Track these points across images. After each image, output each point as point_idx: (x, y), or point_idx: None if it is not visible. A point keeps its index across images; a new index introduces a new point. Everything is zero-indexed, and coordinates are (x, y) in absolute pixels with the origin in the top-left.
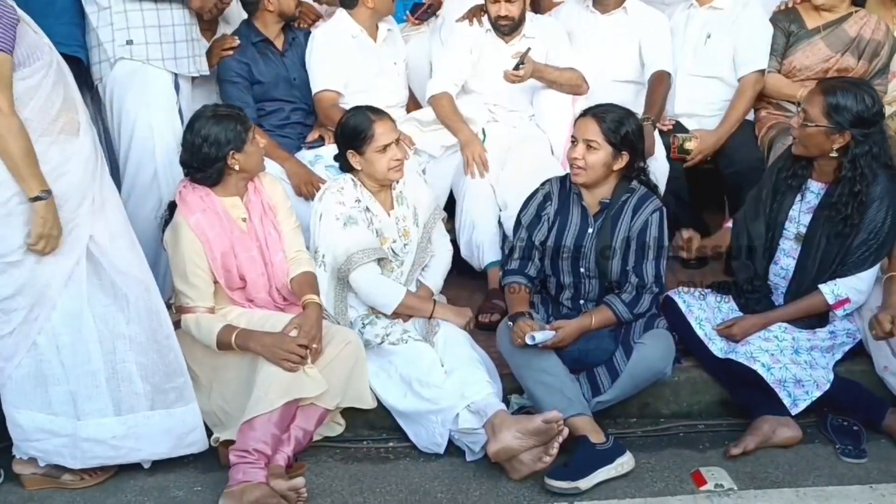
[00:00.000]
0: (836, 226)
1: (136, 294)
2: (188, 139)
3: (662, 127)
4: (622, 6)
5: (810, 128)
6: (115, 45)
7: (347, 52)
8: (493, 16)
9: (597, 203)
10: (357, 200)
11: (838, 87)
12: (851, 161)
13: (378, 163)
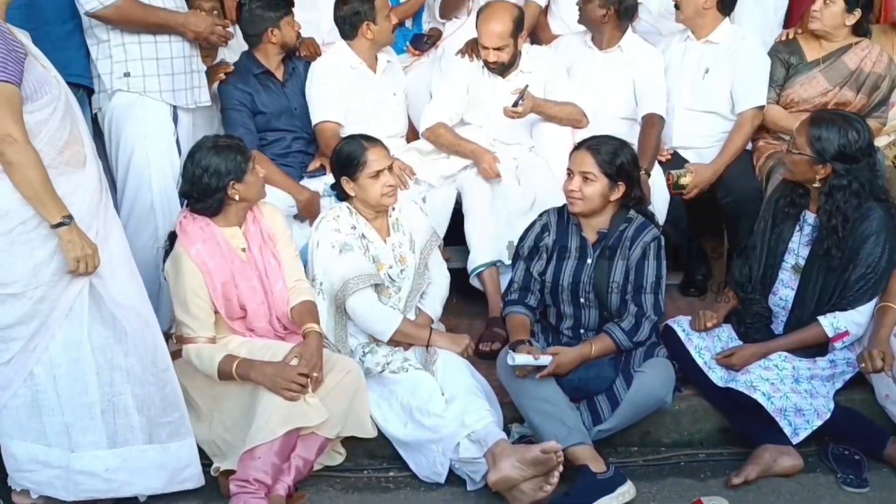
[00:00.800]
0: (832, 261)
1: (134, 326)
2: (188, 170)
3: (660, 157)
4: (618, 44)
5: (794, 155)
6: (112, 77)
7: (346, 83)
8: (483, 58)
9: (595, 233)
10: (353, 227)
11: (825, 120)
12: (828, 193)
13: (371, 188)
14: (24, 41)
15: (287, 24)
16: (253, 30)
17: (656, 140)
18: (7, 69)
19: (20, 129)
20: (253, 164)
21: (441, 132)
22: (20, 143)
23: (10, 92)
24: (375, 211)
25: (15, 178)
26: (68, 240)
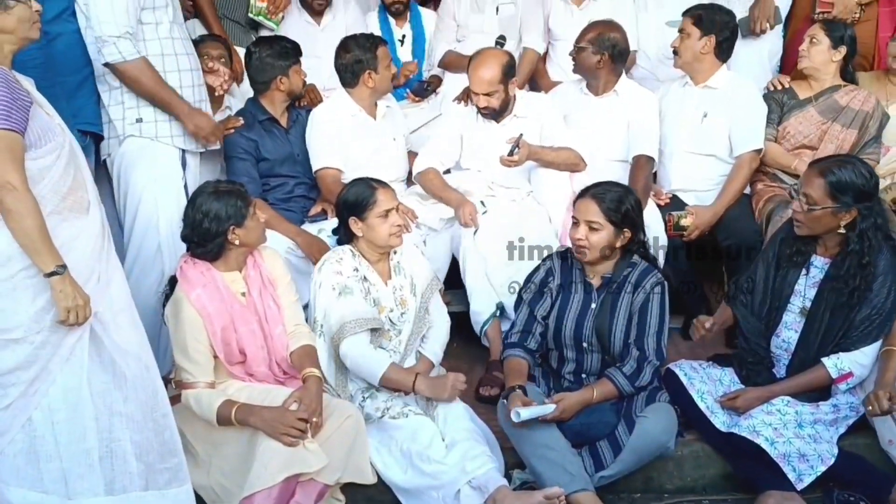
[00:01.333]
0: (842, 298)
1: (134, 372)
2: (189, 214)
3: (659, 201)
4: (613, 89)
5: (815, 212)
6: (125, 122)
7: (346, 129)
8: (474, 103)
9: (599, 277)
10: (355, 270)
11: (835, 166)
12: (860, 235)
13: (380, 228)
14: (29, 88)
15: (295, 73)
16: (261, 77)
17: (645, 181)
18: (10, 117)
19: (20, 177)
20: (253, 209)
21: (430, 177)
22: (19, 191)
23: (13, 140)
24: (380, 252)
25: (11, 225)
26: (60, 289)
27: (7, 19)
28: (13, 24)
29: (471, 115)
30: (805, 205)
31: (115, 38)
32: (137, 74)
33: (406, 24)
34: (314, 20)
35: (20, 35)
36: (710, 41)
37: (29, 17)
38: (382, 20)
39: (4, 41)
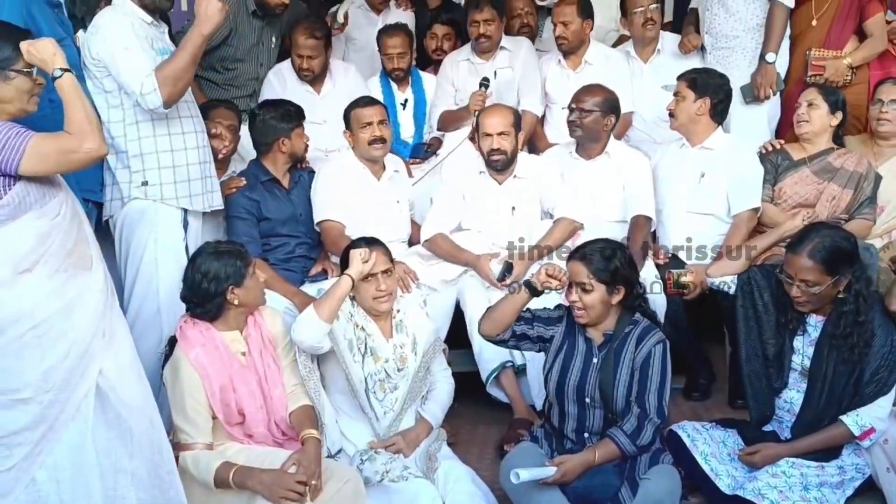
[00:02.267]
0: (843, 354)
1: (140, 428)
2: (189, 275)
3: (658, 260)
4: (605, 151)
5: (818, 292)
6: (130, 185)
7: (350, 187)
8: (486, 150)
9: (601, 335)
10: (350, 315)
11: (818, 244)
12: (855, 295)
13: (364, 291)
14: None
15: (297, 136)
16: (264, 139)
17: (643, 240)
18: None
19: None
20: (253, 269)
21: (439, 242)
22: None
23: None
24: (371, 313)
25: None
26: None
27: (6, 89)
28: (11, 94)
29: (472, 173)
30: (807, 289)
31: (140, 90)
32: (170, 79)
33: (408, 88)
34: (313, 89)
35: (17, 106)
36: (705, 103)
37: (29, 89)
38: (384, 85)
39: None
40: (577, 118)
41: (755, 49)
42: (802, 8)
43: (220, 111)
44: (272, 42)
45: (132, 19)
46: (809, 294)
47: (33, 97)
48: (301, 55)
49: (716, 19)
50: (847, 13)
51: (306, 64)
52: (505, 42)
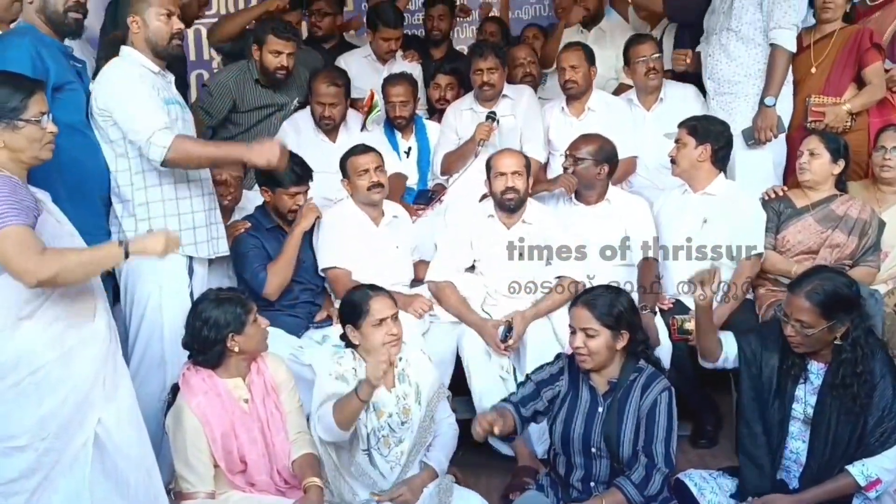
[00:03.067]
0: (846, 404)
1: (137, 479)
2: (190, 322)
3: (662, 306)
4: (605, 198)
5: (815, 335)
6: (136, 234)
7: (350, 233)
8: (500, 189)
9: (605, 383)
10: (354, 369)
11: (818, 286)
12: (853, 343)
13: (373, 337)
14: (42, 199)
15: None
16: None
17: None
18: (21, 214)
19: (35, 261)
20: (254, 315)
21: (448, 294)
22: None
23: (27, 233)
24: None
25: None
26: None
27: (16, 138)
28: (22, 143)
29: (480, 216)
30: (802, 329)
31: (149, 138)
32: (184, 151)
33: (412, 136)
34: (329, 138)
35: (30, 154)
36: (706, 150)
37: (40, 137)
38: (388, 133)
39: (14, 159)
40: (569, 165)
41: (757, 95)
42: (802, 55)
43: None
44: (291, 106)
45: (139, 70)
46: (803, 335)
47: (46, 145)
48: (322, 103)
49: (718, 65)
50: (846, 61)
51: (328, 112)
52: (507, 90)
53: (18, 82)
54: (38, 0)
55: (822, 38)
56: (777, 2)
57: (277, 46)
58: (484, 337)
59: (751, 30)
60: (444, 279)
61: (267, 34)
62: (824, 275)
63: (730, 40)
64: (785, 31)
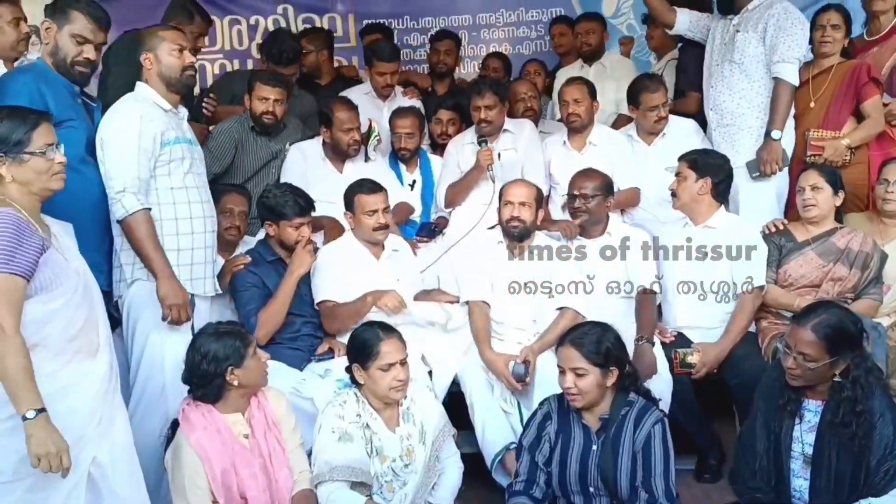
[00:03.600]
0: (844, 443)
1: None
2: (189, 356)
3: (664, 339)
4: (605, 231)
5: (814, 368)
6: (134, 267)
7: (349, 266)
8: (505, 218)
9: (597, 420)
10: (357, 415)
11: (824, 320)
12: (853, 381)
13: (380, 381)
14: (57, 233)
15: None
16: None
17: (651, 312)
18: (11, 261)
19: (11, 321)
20: (253, 349)
21: (478, 316)
22: (7, 334)
23: (12, 283)
24: (383, 402)
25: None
26: (31, 434)
27: (24, 172)
28: (30, 176)
29: (492, 243)
30: (804, 362)
31: (120, 195)
32: (133, 226)
33: (416, 169)
34: (336, 168)
35: (39, 186)
36: (706, 183)
37: (46, 169)
38: (393, 165)
39: (24, 192)
40: (582, 204)
41: (760, 128)
42: (801, 90)
43: (233, 196)
44: (285, 153)
45: (148, 110)
46: (804, 368)
47: (55, 175)
48: (349, 129)
49: (720, 97)
50: (844, 95)
51: (356, 136)
52: (508, 124)
53: (23, 116)
54: (52, 45)
55: (821, 73)
56: (780, 36)
57: (264, 93)
58: (495, 372)
59: (753, 63)
60: (480, 299)
61: (255, 81)
62: (831, 309)
63: (732, 73)
64: (788, 64)
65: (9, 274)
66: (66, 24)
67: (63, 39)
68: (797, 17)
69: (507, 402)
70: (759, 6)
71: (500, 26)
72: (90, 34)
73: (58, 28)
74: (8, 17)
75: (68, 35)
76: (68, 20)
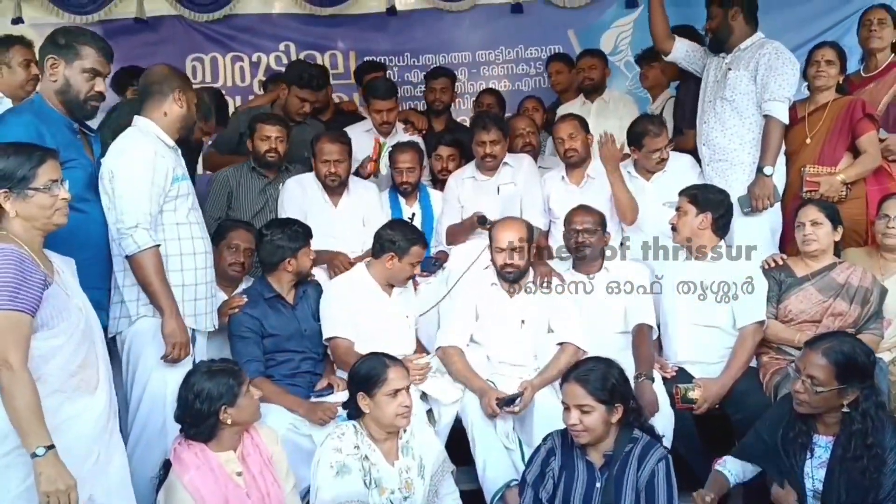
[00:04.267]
0: (854, 478)
1: None
2: (182, 395)
3: (665, 374)
4: (602, 267)
5: (823, 394)
6: (138, 304)
7: (360, 302)
8: (499, 264)
9: (601, 456)
10: (356, 447)
11: (837, 346)
12: (863, 414)
13: (387, 407)
14: (60, 268)
15: (304, 255)
16: (271, 259)
17: (648, 347)
18: (17, 298)
19: (19, 357)
20: (246, 387)
21: (455, 359)
22: (15, 371)
23: (18, 320)
24: (387, 432)
25: (3, 402)
26: (40, 471)
27: (28, 207)
28: (34, 211)
29: (484, 284)
30: (811, 386)
31: (132, 230)
32: (144, 262)
33: (416, 203)
34: (332, 201)
35: (43, 222)
36: (706, 218)
37: (50, 205)
38: (393, 199)
39: (28, 227)
40: (584, 239)
41: (752, 163)
42: (797, 127)
43: (240, 232)
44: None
45: (156, 146)
46: (812, 392)
47: (58, 211)
48: (328, 160)
49: (712, 132)
50: (840, 131)
51: (333, 168)
52: (508, 158)
53: (28, 152)
54: (60, 82)
55: (817, 110)
56: (771, 75)
57: (265, 132)
58: (482, 404)
59: (744, 100)
60: (451, 344)
61: (256, 123)
62: (844, 339)
63: (724, 109)
64: (778, 103)
65: (15, 311)
66: (77, 60)
67: (74, 76)
68: (787, 57)
69: (509, 439)
70: (751, 46)
71: (499, 63)
72: (101, 67)
73: (66, 64)
74: (20, 59)
75: (79, 71)
76: (78, 55)
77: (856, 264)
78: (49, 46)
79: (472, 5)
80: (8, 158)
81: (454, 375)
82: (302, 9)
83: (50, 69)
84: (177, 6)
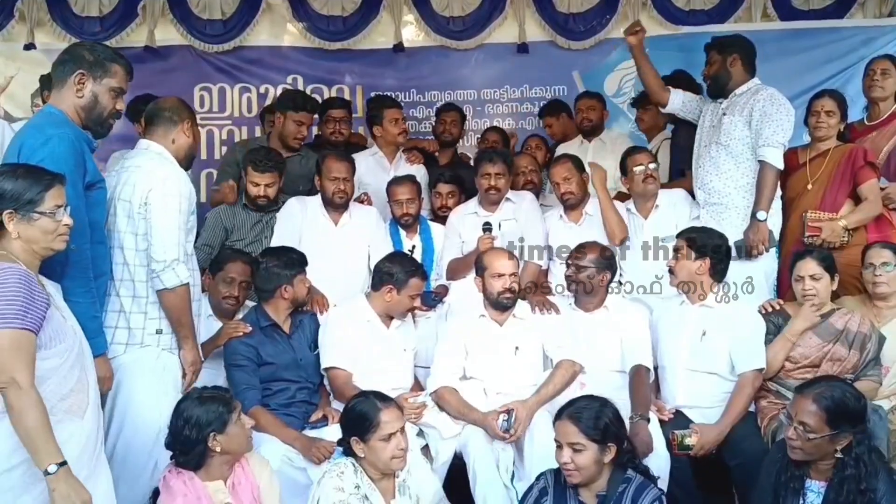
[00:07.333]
0: None
1: None
2: (173, 422)
3: (662, 417)
4: (603, 305)
5: (815, 440)
6: (144, 332)
7: (359, 333)
8: (498, 290)
9: (594, 497)
10: (356, 487)
11: (827, 391)
12: (856, 459)
13: (381, 451)
14: (52, 292)
15: (300, 282)
16: (266, 286)
17: (645, 389)
18: (27, 317)
19: (27, 376)
20: (238, 415)
21: (447, 397)
22: (24, 390)
23: (26, 339)
24: (382, 473)
25: (13, 421)
26: (54, 488)
27: (31, 230)
28: (36, 235)
29: (472, 319)
30: (804, 433)
31: (175, 263)
32: (183, 295)
33: (416, 235)
34: (332, 217)
35: (43, 245)
36: (704, 263)
37: (53, 229)
38: (393, 231)
39: (27, 249)
40: (573, 273)
41: (747, 207)
42: (798, 173)
43: (238, 264)
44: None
45: (187, 184)
46: (804, 439)
47: (59, 237)
48: (336, 178)
49: (707, 176)
50: (841, 178)
51: (342, 186)
52: (510, 195)
53: (38, 176)
54: (87, 98)
55: (818, 156)
56: (765, 121)
57: (255, 178)
58: (489, 431)
59: (739, 145)
60: (443, 385)
61: (247, 166)
62: (834, 383)
63: (719, 154)
64: (773, 148)
65: (24, 329)
66: (106, 77)
67: (102, 93)
68: (782, 103)
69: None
70: (746, 92)
71: (504, 102)
72: (126, 86)
73: (94, 80)
74: None
75: (108, 88)
76: (108, 73)
77: (853, 310)
78: (77, 61)
79: (478, 44)
80: (17, 180)
81: (452, 415)
82: (311, 42)
83: (76, 84)
84: (187, 37)
